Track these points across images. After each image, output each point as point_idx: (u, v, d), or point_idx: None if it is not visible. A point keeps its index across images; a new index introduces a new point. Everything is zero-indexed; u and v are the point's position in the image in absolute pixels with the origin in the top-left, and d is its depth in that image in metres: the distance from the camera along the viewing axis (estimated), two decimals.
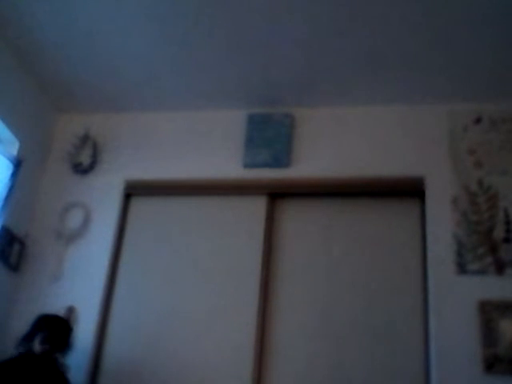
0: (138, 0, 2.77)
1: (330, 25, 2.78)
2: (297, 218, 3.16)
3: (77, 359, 2.93)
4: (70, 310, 3.06)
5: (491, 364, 2.58)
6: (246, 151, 3.25)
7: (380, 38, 2.83)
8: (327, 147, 3.21)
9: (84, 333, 2.99)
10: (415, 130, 3.15)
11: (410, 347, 2.77)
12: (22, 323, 3.07)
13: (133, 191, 3.35)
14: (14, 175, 3.12)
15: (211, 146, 3.34)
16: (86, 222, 3.26)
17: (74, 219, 3.27)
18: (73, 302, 3.07)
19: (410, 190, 3.06)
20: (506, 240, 2.81)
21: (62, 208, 3.32)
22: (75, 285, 3.12)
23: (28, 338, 2.67)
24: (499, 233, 2.83)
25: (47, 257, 3.21)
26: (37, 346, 2.63)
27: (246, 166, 3.24)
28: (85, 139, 3.45)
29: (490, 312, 2.66)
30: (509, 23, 2.67)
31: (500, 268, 2.76)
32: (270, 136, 3.25)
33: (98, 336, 3.03)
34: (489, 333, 2.62)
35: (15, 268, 3.14)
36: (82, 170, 3.39)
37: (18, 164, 3.15)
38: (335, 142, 3.21)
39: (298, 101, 3.28)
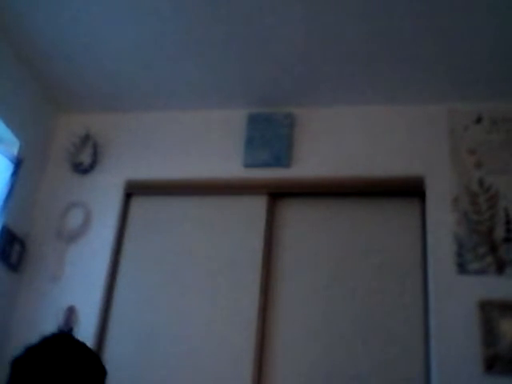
0: (137, 0, 2.78)
1: (329, 24, 2.78)
2: (297, 218, 3.16)
3: None
4: (70, 310, 3.06)
5: (491, 364, 2.57)
6: (246, 151, 3.25)
7: (380, 38, 2.83)
8: (327, 147, 3.20)
9: (84, 333, 2.99)
10: (415, 130, 3.14)
11: (410, 347, 2.77)
12: (22, 323, 3.09)
13: (133, 191, 3.35)
14: (15, 175, 3.11)
15: (211, 145, 3.34)
16: (87, 221, 3.26)
17: (75, 219, 3.27)
18: (73, 302, 3.07)
19: (410, 190, 3.05)
20: (507, 240, 2.80)
21: (62, 208, 3.32)
22: (75, 285, 3.12)
23: None
24: (499, 233, 2.83)
25: (47, 257, 3.21)
26: None
27: (246, 165, 3.24)
28: (85, 139, 3.45)
29: (490, 312, 2.66)
30: (509, 23, 2.67)
31: (500, 268, 2.76)
32: (270, 136, 3.25)
33: (98, 336, 3.02)
34: (489, 333, 2.62)
35: (15, 268, 3.14)
36: (83, 169, 3.39)
37: (18, 164, 3.15)
38: (335, 141, 3.21)
39: (298, 101, 3.28)
